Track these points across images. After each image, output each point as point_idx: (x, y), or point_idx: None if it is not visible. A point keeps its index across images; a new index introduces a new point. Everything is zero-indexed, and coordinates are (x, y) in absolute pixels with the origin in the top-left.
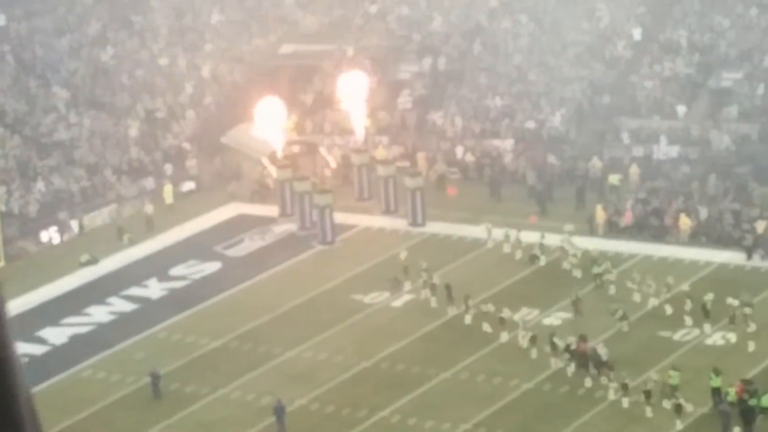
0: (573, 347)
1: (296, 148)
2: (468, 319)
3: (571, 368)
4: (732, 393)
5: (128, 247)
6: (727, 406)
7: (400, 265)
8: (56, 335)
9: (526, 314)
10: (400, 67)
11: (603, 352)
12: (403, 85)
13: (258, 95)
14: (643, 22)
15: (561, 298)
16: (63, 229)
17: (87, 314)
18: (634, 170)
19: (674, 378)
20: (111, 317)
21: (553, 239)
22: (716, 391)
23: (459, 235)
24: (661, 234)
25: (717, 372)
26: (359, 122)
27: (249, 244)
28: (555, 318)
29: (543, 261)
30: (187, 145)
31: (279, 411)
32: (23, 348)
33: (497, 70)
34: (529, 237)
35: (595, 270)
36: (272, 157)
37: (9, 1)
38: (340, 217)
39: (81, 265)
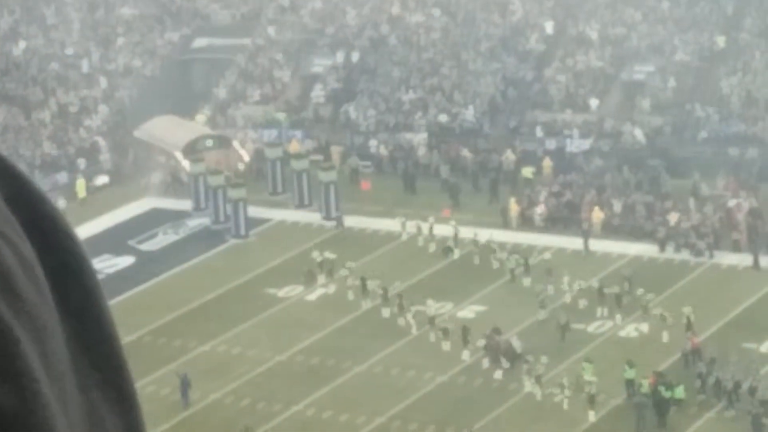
0: (487, 340)
1: (209, 142)
2: (383, 312)
3: (485, 361)
4: (645, 384)
5: None
6: (641, 397)
7: (314, 259)
8: None
9: (440, 307)
10: (314, 61)
11: (517, 344)
12: (316, 79)
13: (171, 89)
14: (555, 16)
15: (475, 291)
16: None
17: None
18: (547, 163)
19: (587, 370)
20: None
21: (466, 232)
22: (630, 383)
23: (373, 229)
24: (574, 226)
25: (630, 364)
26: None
27: (163, 238)
28: (469, 311)
29: (457, 254)
30: (100, 140)
31: (184, 385)
32: None
33: (410, 64)
34: (443, 230)
35: (510, 264)
36: (186, 151)
37: None
38: (253, 211)
39: None
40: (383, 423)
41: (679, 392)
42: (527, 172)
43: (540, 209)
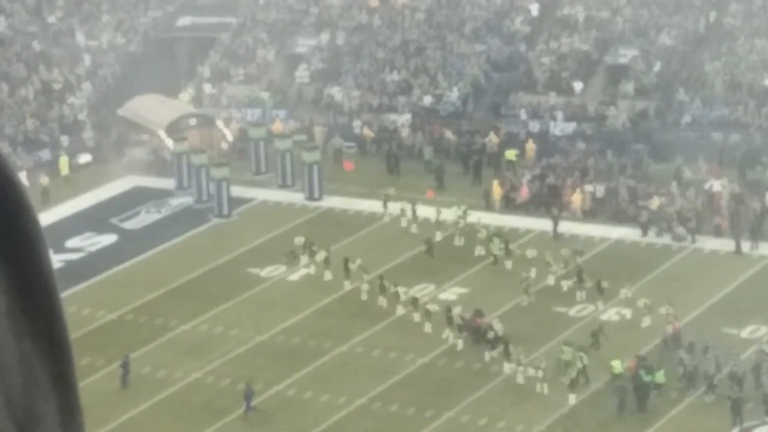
0: (468, 322)
1: (193, 121)
2: (364, 293)
3: (467, 343)
4: (617, 366)
5: None
6: (622, 381)
7: (296, 240)
8: None
9: (422, 289)
10: (298, 41)
11: (498, 327)
12: (300, 59)
13: (155, 67)
14: None
15: (457, 273)
16: None
17: None
18: (531, 146)
19: (567, 354)
20: None
21: (448, 214)
22: (618, 377)
23: (356, 210)
24: (557, 210)
25: (617, 358)
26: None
27: (145, 216)
28: (451, 293)
29: (439, 236)
30: (83, 117)
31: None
32: None
33: (394, 45)
34: (426, 212)
35: (493, 246)
36: (169, 130)
37: None
38: (236, 191)
39: None
40: (364, 404)
41: (660, 377)
42: (510, 154)
43: (523, 192)
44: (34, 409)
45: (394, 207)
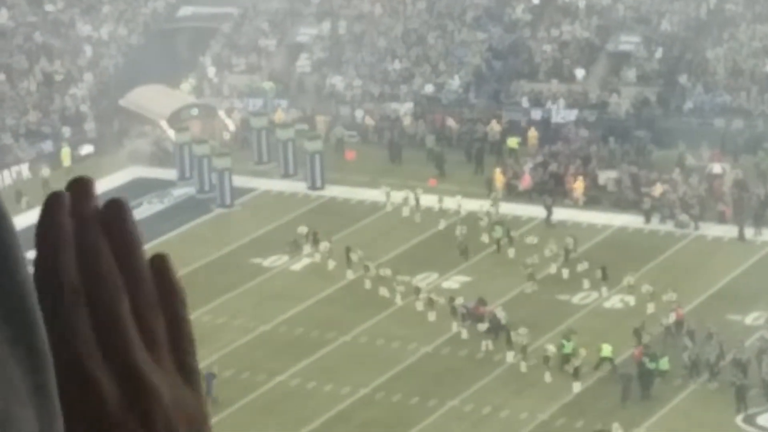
0: (471, 311)
1: (195, 112)
2: (368, 282)
3: (470, 332)
4: (606, 350)
5: (27, 211)
6: (626, 369)
7: (299, 229)
8: None
9: (425, 278)
10: (299, 30)
11: (502, 315)
12: (302, 49)
13: (156, 58)
14: None
15: (460, 262)
16: None
17: None
18: (533, 134)
19: (567, 347)
20: None
21: (450, 203)
22: (608, 361)
23: (358, 199)
24: (560, 197)
25: (606, 342)
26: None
27: (148, 207)
28: (453, 282)
29: (443, 224)
30: (85, 108)
31: (209, 379)
32: None
33: (396, 34)
34: (428, 200)
35: (495, 233)
36: (171, 120)
37: None
38: (239, 181)
39: None
40: (367, 394)
41: (664, 364)
42: (512, 142)
43: (525, 180)
44: (9, 412)
45: (396, 196)
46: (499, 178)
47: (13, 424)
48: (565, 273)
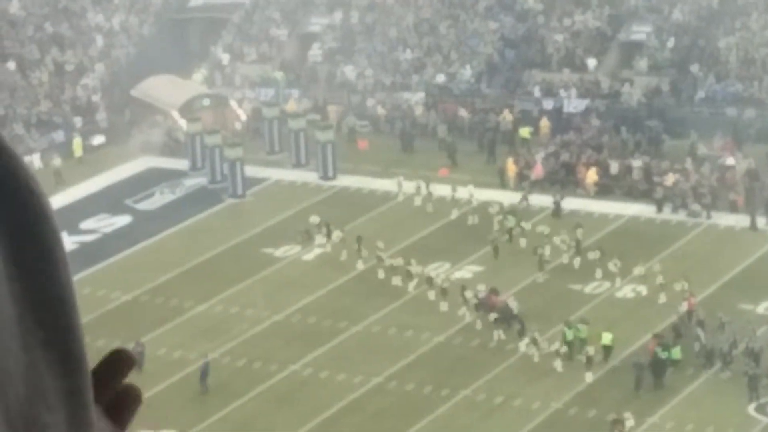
0: (484, 300)
1: (206, 102)
2: (380, 272)
3: (483, 321)
4: (607, 339)
5: None
6: (639, 358)
7: (311, 219)
8: None
9: (437, 267)
10: (311, 20)
11: (514, 305)
12: (313, 38)
13: (168, 48)
14: None
15: (472, 252)
16: None
17: None
18: (545, 123)
19: (582, 332)
20: None
21: (462, 192)
22: (608, 349)
23: (370, 189)
24: (572, 187)
25: (607, 329)
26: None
27: (160, 197)
28: (466, 271)
29: (455, 214)
30: (96, 98)
31: (204, 369)
32: None
33: (407, 23)
34: (440, 190)
35: (508, 223)
36: (182, 111)
37: None
38: (250, 171)
39: None
40: (380, 383)
41: (676, 353)
42: (524, 132)
43: (537, 169)
44: (37, 420)
45: (408, 185)
46: (511, 167)
47: (41, 429)
48: (577, 263)
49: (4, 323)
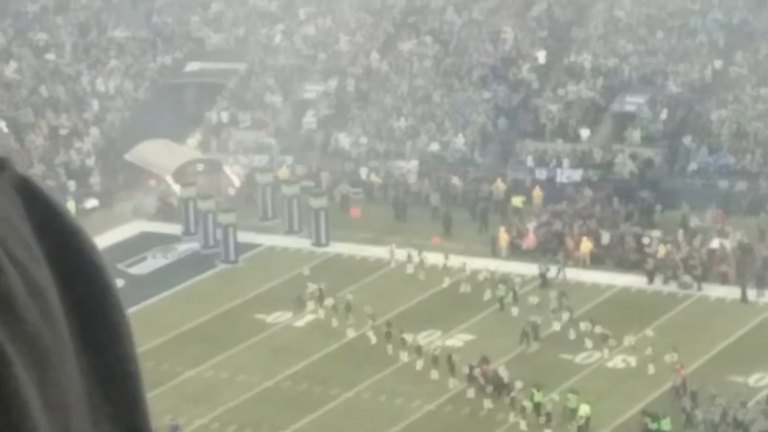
0: (471, 370)
1: (200, 167)
2: (371, 339)
3: (474, 390)
4: (573, 400)
5: None
6: (628, 429)
7: (303, 286)
8: None
9: (428, 335)
10: (306, 87)
11: (504, 374)
12: (308, 105)
13: (163, 113)
14: (548, 46)
15: (463, 320)
16: None
17: None
18: (537, 193)
19: (572, 401)
20: None
21: (455, 261)
22: (573, 413)
23: (362, 256)
24: (563, 257)
25: (574, 392)
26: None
27: (152, 262)
28: (457, 339)
29: (447, 282)
30: (90, 162)
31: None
32: None
33: (402, 92)
34: (433, 258)
35: (498, 292)
36: (176, 175)
37: None
38: (243, 236)
39: None
40: None
41: (666, 424)
42: (517, 201)
43: (529, 239)
44: None
45: (400, 253)
46: (503, 236)
47: None
48: (569, 332)
49: (77, 401)
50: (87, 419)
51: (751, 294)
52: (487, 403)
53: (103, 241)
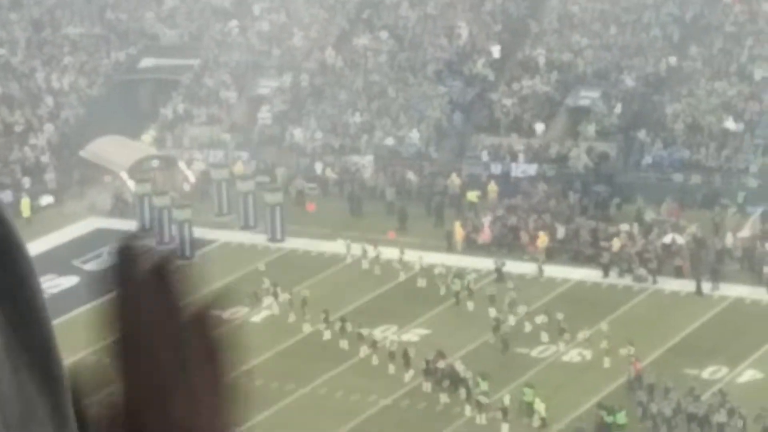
0: (428, 364)
1: (155, 163)
2: (327, 334)
3: (427, 385)
4: (529, 394)
5: None
6: (582, 424)
7: (259, 281)
8: None
9: (384, 330)
10: (260, 83)
11: (461, 368)
12: (263, 101)
13: (117, 109)
14: (502, 40)
15: (419, 315)
16: None
17: None
18: (493, 187)
19: (528, 395)
20: None
21: (410, 255)
22: (529, 405)
23: (318, 251)
24: (519, 251)
25: (530, 386)
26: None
27: (107, 258)
28: (413, 334)
29: (402, 277)
30: (45, 159)
31: None
32: None
33: (357, 87)
34: (388, 253)
35: (454, 286)
36: (131, 172)
37: None
38: (199, 232)
39: None
40: None
41: (621, 418)
42: (472, 196)
43: (485, 233)
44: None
45: (356, 248)
46: (458, 231)
47: None
48: (525, 326)
49: None
50: (6, 367)
51: (706, 287)
52: (444, 398)
53: (58, 237)
